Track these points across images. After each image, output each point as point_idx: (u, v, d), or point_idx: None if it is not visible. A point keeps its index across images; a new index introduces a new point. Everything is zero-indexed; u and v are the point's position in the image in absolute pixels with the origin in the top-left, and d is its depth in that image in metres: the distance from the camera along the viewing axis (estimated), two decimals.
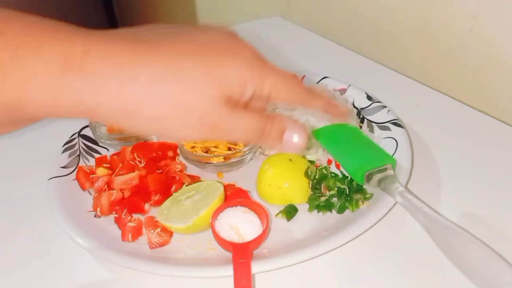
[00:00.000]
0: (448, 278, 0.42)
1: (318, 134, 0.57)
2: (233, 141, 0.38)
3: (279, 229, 0.48)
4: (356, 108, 0.64)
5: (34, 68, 0.29)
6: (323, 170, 0.51)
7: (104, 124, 0.66)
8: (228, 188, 0.52)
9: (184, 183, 0.53)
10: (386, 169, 0.49)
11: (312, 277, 0.44)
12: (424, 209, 0.44)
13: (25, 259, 0.49)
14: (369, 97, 0.65)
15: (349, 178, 0.52)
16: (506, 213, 0.49)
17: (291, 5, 1.04)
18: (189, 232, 0.48)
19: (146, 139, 0.62)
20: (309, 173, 0.51)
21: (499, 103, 0.66)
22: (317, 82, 0.69)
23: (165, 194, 0.52)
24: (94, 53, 0.30)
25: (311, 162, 0.55)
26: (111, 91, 0.30)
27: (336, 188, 0.50)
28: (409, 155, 0.54)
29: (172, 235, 0.49)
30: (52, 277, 0.47)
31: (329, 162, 0.57)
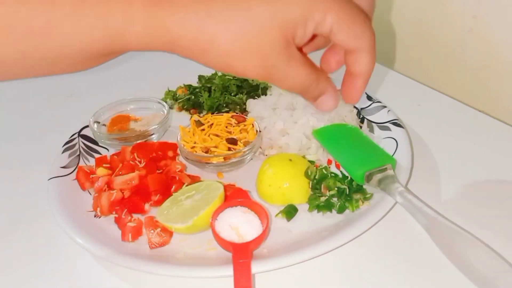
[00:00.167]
0: (448, 278, 0.42)
1: (318, 134, 0.57)
2: (281, 86, 0.40)
3: (279, 229, 0.48)
4: (356, 108, 0.64)
5: (133, 2, 0.33)
6: (323, 170, 0.51)
7: (104, 124, 0.66)
8: (228, 188, 0.52)
9: (184, 183, 0.53)
10: (386, 169, 0.49)
11: (312, 277, 0.44)
12: (424, 209, 0.45)
13: (25, 259, 0.49)
14: (369, 97, 0.65)
15: (349, 178, 0.52)
16: (506, 213, 0.49)
17: None
18: (189, 232, 0.48)
19: (146, 139, 0.62)
20: (309, 173, 0.51)
21: (499, 103, 0.66)
22: None
23: (165, 194, 0.52)
24: None
25: (311, 162, 0.55)
26: (192, 25, 0.34)
27: (336, 188, 0.50)
28: (409, 155, 0.54)
29: (172, 235, 0.48)
30: (52, 277, 0.47)
31: (329, 162, 0.57)
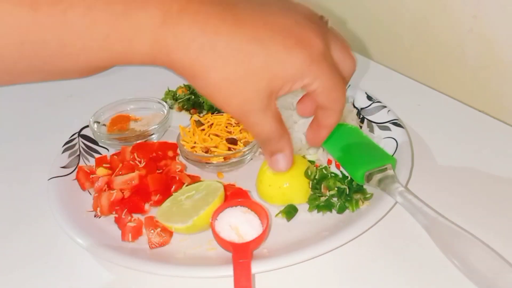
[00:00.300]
0: (448, 278, 0.42)
1: None
2: (247, 130, 0.41)
3: (279, 229, 0.48)
4: (356, 108, 0.64)
5: (140, 22, 0.34)
6: (323, 170, 0.51)
7: (104, 124, 0.66)
8: (228, 188, 0.52)
9: (184, 183, 0.53)
10: (386, 169, 0.49)
11: (312, 277, 0.44)
12: (424, 209, 0.44)
13: (25, 259, 0.49)
14: (369, 97, 0.65)
15: (349, 178, 0.52)
16: (506, 213, 0.48)
17: None
18: (189, 232, 0.48)
19: (146, 139, 0.62)
20: (309, 173, 0.51)
21: (499, 103, 0.66)
22: None
23: (165, 194, 0.52)
24: (187, 14, 0.35)
25: (311, 162, 0.55)
26: (192, 52, 0.35)
27: (336, 188, 0.50)
28: (409, 155, 0.54)
29: (172, 235, 0.48)
30: (52, 277, 0.47)
31: (329, 162, 0.57)
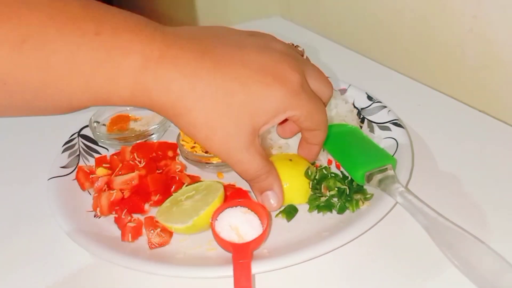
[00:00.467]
0: (449, 279, 0.42)
1: None
2: (234, 169, 0.44)
3: (279, 230, 0.48)
4: (357, 108, 0.64)
5: (122, 67, 0.35)
6: (323, 170, 0.51)
7: (104, 124, 0.66)
8: (228, 188, 0.52)
9: (184, 183, 0.53)
10: (387, 169, 0.49)
11: (312, 278, 0.44)
12: (425, 210, 0.44)
13: (25, 259, 0.49)
14: (370, 97, 0.65)
15: (349, 178, 0.52)
16: (507, 213, 0.48)
17: (291, 5, 1.04)
18: (189, 233, 0.48)
19: (146, 139, 0.62)
20: (309, 173, 0.51)
21: (499, 103, 0.66)
22: None
23: (165, 194, 0.52)
24: (167, 58, 0.36)
25: (312, 163, 0.55)
26: (173, 94, 0.37)
27: (336, 189, 0.50)
28: (410, 155, 0.54)
29: (172, 235, 0.48)
30: (52, 277, 0.46)
31: (329, 162, 0.57)
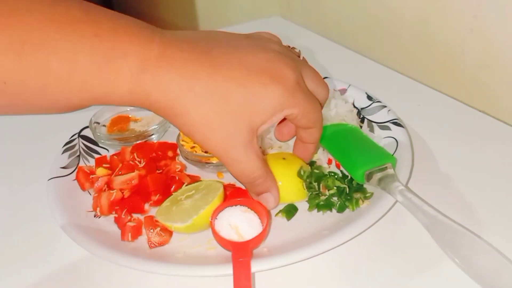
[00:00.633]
0: (449, 277, 0.42)
1: None
2: (232, 171, 0.43)
3: (279, 228, 0.48)
4: (356, 108, 0.64)
5: (121, 69, 0.36)
6: (315, 170, 0.51)
7: (104, 125, 0.66)
8: (228, 188, 0.52)
9: (184, 183, 0.53)
10: (386, 168, 0.49)
11: (312, 276, 0.44)
12: (425, 208, 0.44)
13: (25, 259, 0.49)
14: (369, 97, 0.65)
15: (349, 177, 0.52)
16: (507, 213, 0.48)
17: (291, 5, 1.04)
18: (189, 232, 0.48)
19: (146, 140, 0.62)
20: (302, 173, 0.51)
21: (499, 103, 0.66)
22: None
23: (165, 194, 0.52)
24: (165, 60, 0.37)
25: (312, 162, 0.55)
26: (171, 94, 0.37)
27: (336, 187, 0.50)
28: (409, 155, 0.54)
29: (172, 235, 0.48)
30: (52, 277, 0.47)
31: (329, 162, 0.57)
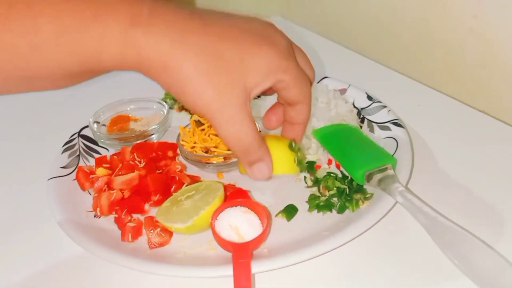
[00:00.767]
0: (449, 278, 0.42)
1: (318, 134, 0.57)
2: (226, 135, 0.40)
3: (279, 229, 0.48)
4: (356, 108, 0.64)
5: (110, 25, 0.35)
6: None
7: (104, 125, 0.66)
8: (228, 188, 0.52)
9: (184, 183, 0.53)
10: (387, 169, 0.49)
11: (312, 277, 0.44)
12: (425, 209, 0.44)
13: (25, 260, 0.49)
14: (369, 97, 0.65)
15: (349, 178, 0.52)
16: (506, 213, 0.48)
17: (291, 5, 1.04)
18: (189, 232, 0.48)
19: (146, 139, 0.62)
20: (293, 145, 0.48)
21: (499, 103, 0.66)
22: (317, 82, 0.69)
23: (165, 194, 0.52)
24: (157, 15, 0.36)
25: (312, 163, 0.55)
26: (163, 46, 0.36)
27: (336, 188, 0.50)
28: (410, 155, 0.54)
29: (172, 235, 0.48)
30: (52, 277, 0.47)
31: (329, 162, 0.57)
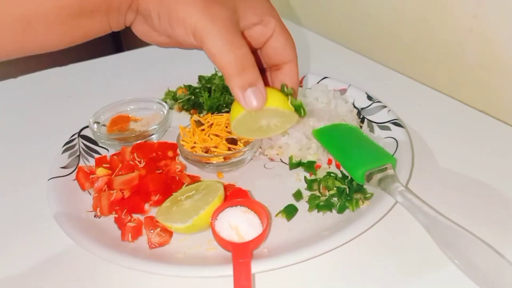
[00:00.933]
0: (449, 277, 0.42)
1: (318, 134, 0.57)
2: (217, 50, 0.40)
3: (279, 229, 0.48)
4: (357, 108, 0.64)
5: None
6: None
7: (104, 125, 0.66)
8: (228, 188, 0.52)
9: (184, 183, 0.53)
10: (386, 169, 0.49)
11: (312, 277, 0.44)
12: (424, 209, 0.44)
13: (25, 260, 0.49)
14: (369, 97, 0.65)
15: (349, 178, 0.52)
16: (506, 213, 0.48)
17: (291, 5, 1.04)
18: (189, 232, 0.48)
19: (146, 140, 0.62)
20: (285, 89, 0.46)
21: (499, 103, 0.66)
22: (317, 82, 0.69)
23: (165, 194, 0.52)
24: None
25: (312, 163, 0.55)
26: None
27: (336, 188, 0.50)
28: (409, 155, 0.54)
29: (172, 235, 0.48)
30: (52, 277, 0.47)
31: (329, 162, 0.57)
